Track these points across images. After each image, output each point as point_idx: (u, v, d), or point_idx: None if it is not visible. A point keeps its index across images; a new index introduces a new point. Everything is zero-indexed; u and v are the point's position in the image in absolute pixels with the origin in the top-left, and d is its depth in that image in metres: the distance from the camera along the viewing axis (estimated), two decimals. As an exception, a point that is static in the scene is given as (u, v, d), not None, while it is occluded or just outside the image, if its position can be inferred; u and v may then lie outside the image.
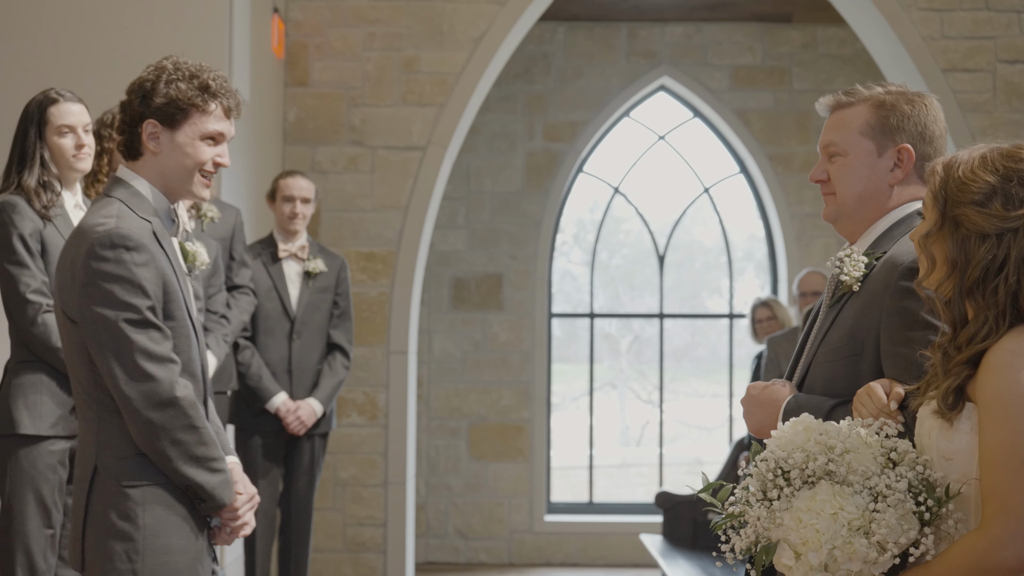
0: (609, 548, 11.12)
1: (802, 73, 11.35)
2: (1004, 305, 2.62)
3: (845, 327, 3.14)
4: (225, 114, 3.70)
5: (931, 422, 2.69)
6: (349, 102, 9.07)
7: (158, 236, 3.60)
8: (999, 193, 2.64)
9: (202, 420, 3.57)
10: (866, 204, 3.24)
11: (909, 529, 2.58)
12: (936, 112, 3.26)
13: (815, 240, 11.31)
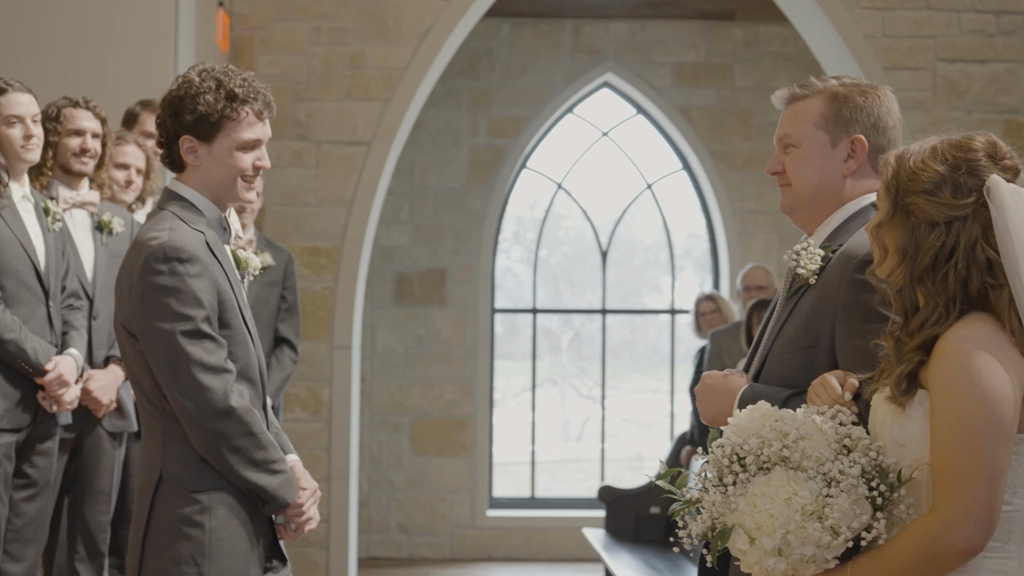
0: (551, 542, 11.15)
1: (745, 71, 11.44)
2: (954, 292, 2.66)
3: (801, 319, 3.17)
4: (257, 117, 3.71)
5: (884, 409, 2.73)
6: (294, 96, 9.04)
7: (211, 246, 3.65)
8: (948, 182, 2.68)
9: (259, 425, 3.62)
10: (821, 195, 3.27)
11: (862, 514, 2.61)
12: (890, 104, 3.29)
13: (756, 236, 11.40)
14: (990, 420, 2.55)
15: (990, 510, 2.54)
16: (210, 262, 3.62)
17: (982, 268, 2.66)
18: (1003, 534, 2.61)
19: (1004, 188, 2.66)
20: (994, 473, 2.54)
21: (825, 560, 2.65)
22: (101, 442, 5.53)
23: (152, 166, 6.14)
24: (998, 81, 8.99)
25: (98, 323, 5.48)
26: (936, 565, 2.57)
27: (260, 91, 3.71)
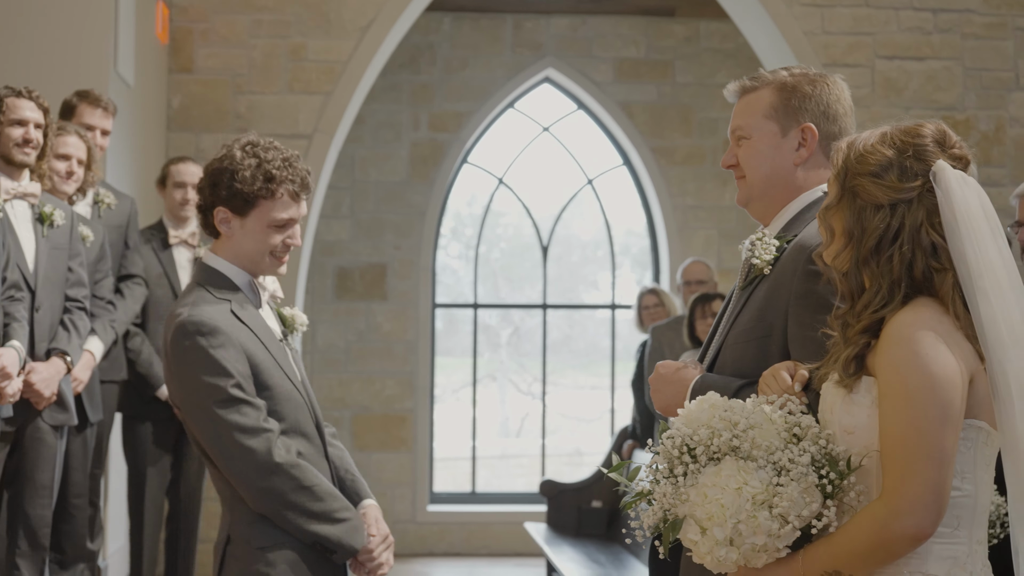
0: (492, 537, 11.15)
1: (685, 67, 11.48)
2: (899, 274, 2.67)
3: (755, 310, 3.17)
4: (292, 198, 3.76)
5: (833, 397, 2.73)
6: (234, 89, 8.99)
7: (236, 313, 3.72)
8: (895, 166, 2.69)
9: (311, 477, 3.67)
10: (774, 185, 3.28)
11: (811, 502, 2.61)
12: (840, 91, 3.30)
13: (697, 232, 11.45)
14: (937, 405, 2.55)
15: (939, 495, 2.54)
16: (236, 329, 3.69)
17: (927, 252, 2.66)
18: (952, 519, 2.62)
19: (950, 173, 2.67)
20: (942, 458, 2.55)
21: (777, 549, 2.64)
22: (43, 435, 5.47)
23: (93, 157, 6.08)
24: (935, 79, 9.10)
25: (40, 315, 5.42)
26: (886, 551, 2.58)
27: (299, 172, 3.77)
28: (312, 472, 3.69)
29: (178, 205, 7.22)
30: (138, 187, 8.10)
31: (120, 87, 7.72)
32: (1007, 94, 9.13)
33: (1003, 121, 9.11)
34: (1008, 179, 8.97)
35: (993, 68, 9.12)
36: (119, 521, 7.79)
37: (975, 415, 2.63)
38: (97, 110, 6.52)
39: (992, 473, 2.68)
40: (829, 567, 2.63)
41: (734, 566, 2.68)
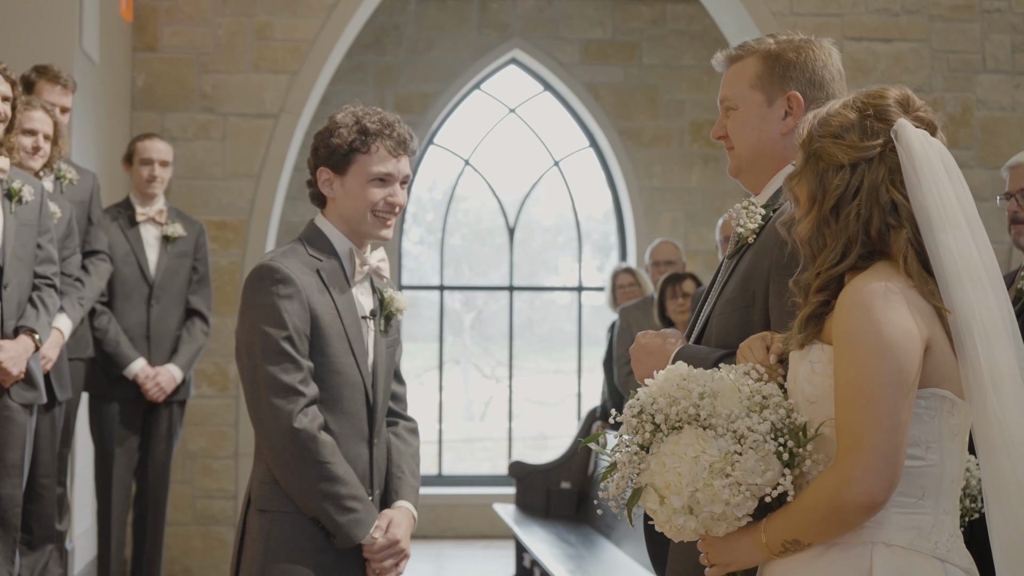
0: (459, 519, 11.12)
1: (651, 48, 11.46)
2: (854, 232, 2.64)
3: (739, 279, 3.15)
4: (390, 153, 3.76)
5: (797, 366, 2.72)
6: (200, 68, 8.90)
7: (323, 275, 3.72)
8: (856, 126, 2.67)
9: (328, 455, 3.64)
10: (762, 155, 3.26)
11: (767, 470, 2.59)
12: (826, 57, 3.26)
13: (663, 214, 11.44)
14: (889, 372, 2.52)
15: (891, 463, 2.52)
16: (313, 288, 3.68)
17: (885, 209, 2.64)
18: (917, 489, 2.60)
19: (911, 131, 2.65)
20: (894, 426, 2.52)
21: (736, 518, 2.62)
22: (12, 414, 5.38)
23: (60, 132, 6.00)
24: (903, 60, 9.10)
25: (8, 292, 5.34)
26: (839, 519, 2.56)
27: (397, 129, 3.80)
28: (331, 450, 3.65)
29: (145, 182, 7.14)
30: (103, 165, 8.01)
31: (85, 64, 7.63)
32: (974, 76, 9.15)
33: (970, 103, 9.13)
34: (975, 161, 9.00)
35: (960, 50, 9.14)
36: (86, 502, 7.72)
37: (938, 383, 2.61)
38: (56, 87, 6.43)
39: (961, 444, 2.66)
40: (788, 536, 2.62)
41: (693, 534, 2.67)
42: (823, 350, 2.66)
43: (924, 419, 2.60)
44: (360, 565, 3.76)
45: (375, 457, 3.80)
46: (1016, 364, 2.63)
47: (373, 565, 3.75)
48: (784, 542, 2.63)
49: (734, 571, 2.74)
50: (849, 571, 2.60)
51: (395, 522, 3.78)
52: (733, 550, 2.70)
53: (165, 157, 7.19)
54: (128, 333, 7.01)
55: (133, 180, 7.23)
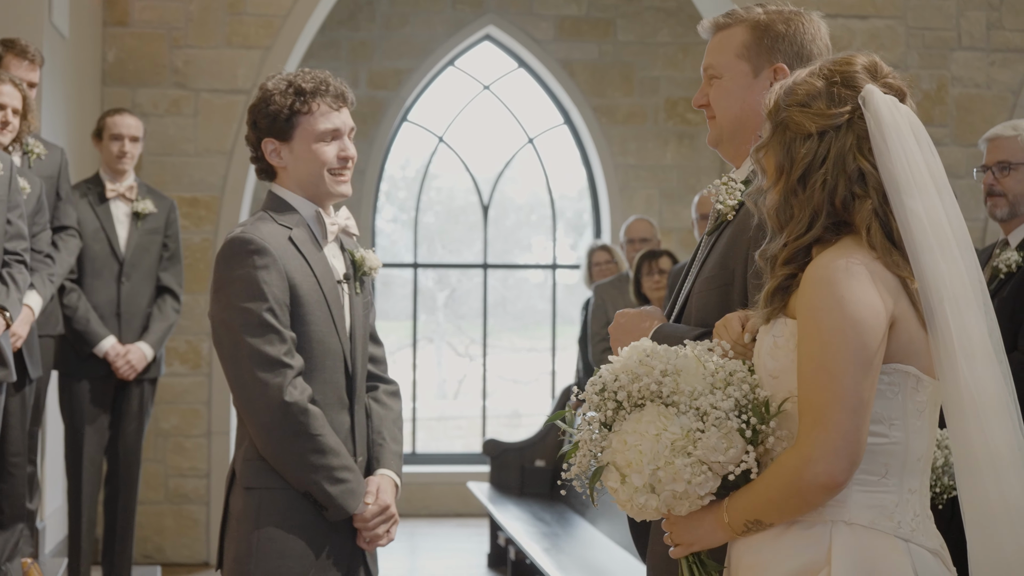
0: (433, 498, 11.10)
1: (626, 25, 11.42)
2: (819, 202, 2.61)
3: (718, 257, 3.12)
4: (331, 108, 3.69)
5: (762, 340, 2.69)
6: (171, 43, 8.82)
7: (296, 242, 3.64)
8: (823, 94, 2.63)
9: (319, 427, 3.57)
10: (744, 126, 3.21)
11: (730, 448, 2.55)
12: (815, 31, 3.21)
13: (638, 191, 11.42)
14: (851, 349, 2.49)
15: (852, 442, 2.48)
16: (288, 255, 3.60)
17: (852, 178, 2.60)
18: (879, 467, 2.56)
19: (879, 97, 2.61)
20: (857, 405, 2.49)
21: (698, 496, 2.60)
22: (-20, 392, 5.33)
23: (29, 106, 5.92)
24: (878, 37, 9.08)
25: (-23, 269, 5.28)
26: (799, 499, 2.53)
27: (331, 82, 3.71)
28: (321, 422, 3.59)
29: (115, 158, 7.07)
30: (73, 141, 7.93)
31: (55, 39, 7.54)
32: (949, 53, 9.14)
33: (945, 80, 9.12)
34: (950, 138, 8.99)
35: (935, 27, 9.12)
36: (57, 481, 7.65)
37: (902, 360, 2.58)
38: (24, 62, 6.34)
39: (929, 422, 2.63)
40: (750, 516, 2.59)
41: (655, 513, 2.64)
42: (786, 324, 2.62)
43: (887, 395, 2.57)
44: (350, 536, 3.70)
45: (356, 424, 3.73)
46: (986, 331, 2.59)
47: (365, 534, 3.69)
48: (746, 522, 2.60)
49: (698, 551, 2.72)
50: (808, 549, 2.57)
51: (382, 488, 3.72)
52: (696, 529, 2.67)
53: (135, 133, 7.12)
54: (98, 310, 6.94)
55: (103, 156, 7.16)
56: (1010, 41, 9.15)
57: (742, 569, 2.66)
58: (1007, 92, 9.13)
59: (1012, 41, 9.15)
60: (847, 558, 2.53)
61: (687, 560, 2.74)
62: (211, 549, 8.80)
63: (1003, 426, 2.58)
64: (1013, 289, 4.60)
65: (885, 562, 2.53)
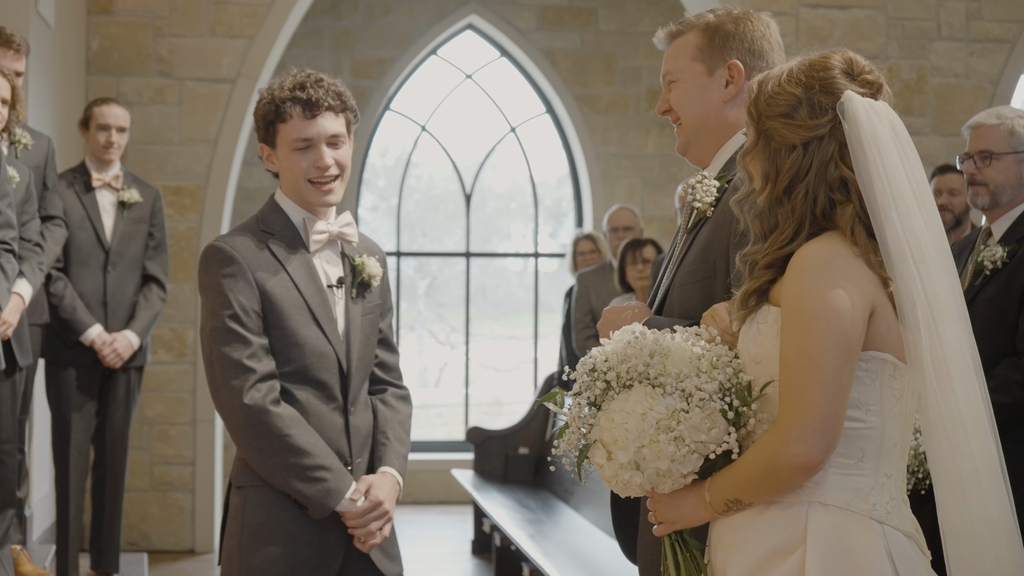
0: (416, 486, 11.14)
1: (608, 15, 11.47)
2: (803, 212, 2.67)
3: (698, 251, 3.20)
4: (303, 116, 3.67)
5: (745, 328, 2.75)
6: (155, 32, 8.83)
7: (272, 248, 3.67)
8: (804, 103, 2.68)
9: (286, 427, 3.60)
10: (707, 124, 3.31)
11: (712, 428, 2.63)
12: (765, 28, 3.31)
13: (620, 180, 11.47)
14: (832, 336, 2.56)
15: (829, 426, 2.55)
16: (262, 263, 3.64)
17: (833, 186, 2.66)
18: (856, 451, 2.63)
19: (857, 103, 2.66)
20: (835, 389, 2.55)
21: (681, 475, 2.66)
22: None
23: (18, 96, 5.93)
24: (859, 27, 9.15)
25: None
26: (777, 479, 2.60)
27: (308, 88, 3.67)
28: (289, 422, 3.60)
29: (101, 148, 7.09)
30: (58, 130, 7.94)
31: (40, 27, 7.55)
32: (929, 43, 9.21)
33: (924, 70, 9.19)
34: (929, 128, 9.07)
35: (915, 17, 9.19)
36: (44, 469, 7.68)
37: (880, 347, 2.64)
38: (9, 51, 6.34)
39: (905, 408, 2.69)
40: (730, 495, 2.66)
41: (639, 489, 2.71)
42: (770, 311, 2.69)
43: (865, 381, 2.63)
44: (344, 534, 3.71)
45: (351, 425, 3.75)
46: (966, 343, 2.65)
47: (356, 532, 3.70)
48: (727, 501, 2.67)
49: (680, 529, 2.79)
50: (785, 529, 2.63)
51: (376, 485, 3.73)
52: (678, 508, 2.74)
53: (122, 123, 7.14)
54: (84, 299, 6.97)
55: (89, 145, 7.18)
56: (989, 31, 9.23)
57: (722, 547, 2.73)
58: (986, 82, 9.21)
59: (991, 31, 9.23)
60: (822, 537, 2.60)
61: (670, 538, 2.82)
62: (196, 536, 8.84)
63: (969, 386, 2.65)
64: (1001, 288, 4.56)
65: (859, 542, 2.60)
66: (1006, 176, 4.68)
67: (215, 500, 8.91)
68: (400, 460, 3.86)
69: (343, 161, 3.73)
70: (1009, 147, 4.68)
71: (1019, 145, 4.68)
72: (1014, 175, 4.68)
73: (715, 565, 2.75)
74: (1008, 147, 4.68)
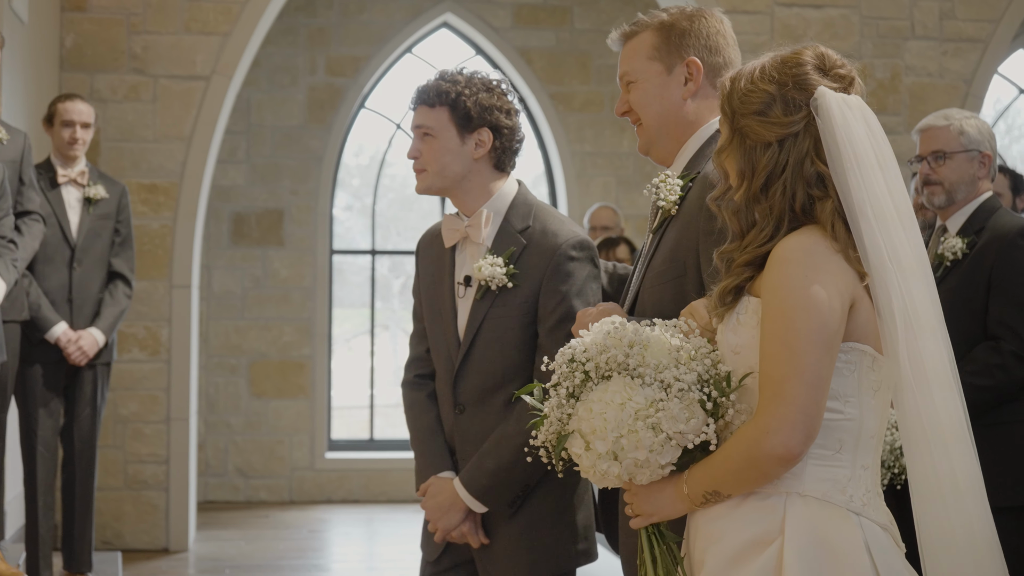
0: (390, 484, 11.14)
1: (583, 13, 11.47)
2: (781, 209, 2.69)
3: (667, 251, 3.21)
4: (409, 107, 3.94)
5: (727, 318, 2.77)
6: (129, 28, 8.79)
7: (433, 242, 3.98)
8: (778, 100, 2.70)
9: (412, 412, 3.94)
10: (667, 123, 3.33)
11: (691, 418, 2.64)
12: (719, 25, 3.34)
13: (595, 179, 11.47)
14: (812, 327, 2.57)
15: (809, 416, 2.56)
16: (425, 256, 3.93)
17: (810, 182, 2.68)
18: (834, 442, 2.64)
19: (831, 98, 2.68)
20: (815, 381, 2.56)
21: (659, 466, 2.67)
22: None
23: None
24: (833, 26, 9.18)
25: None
26: (757, 470, 2.60)
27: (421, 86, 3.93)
28: (419, 411, 3.95)
29: (66, 144, 7.06)
30: (31, 127, 7.90)
31: (13, 23, 7.51)
32: (903, 42, 9.25)
33: (899, 69, 9.23)
34: (903, 127, 9.10)
35: (889, 16, 9.23)
36: (15, 468, 7.64)
37: (859, 339, 2.66)
38: None
39: (882, 401, 2.71)
40: (709, 487, 2.67)
41: (617, 480, 2.71)
42: (750, 302, 2.70)
43: (844, 373, 2.65)
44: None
45: (458, 425, 3.90)
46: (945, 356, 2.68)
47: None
48: (705, 493, 2.68)
49: (658, 522, 2.79)
50: (763, 520, 2.65)
51: (442, 491, 3.81)
52: (656, 500, 2.75)
53: (87, 119, 7.10)
54: (50, 296, 6.93)
55: (54, 142, 7.14)
56: (962, 31, 9.27)
57: (700, 539, 2.73)
58: (959, 81, 9.25)
59: (964, 31, 9.27)
60: (800, 528, 2.61)
61: (647, 531, 2.82)
62: (170, 535, 8.80)
63: (946, 387, 2.67)
64: (964, 278, 4.72)
65: (837, 533, 2.61)
66: (959, 174, 4.85)
67: (189, 499, 8.88)
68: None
69: (410, 154, 3.89)
70: (960, 146, 4.85)
71: (969, 144, 4.85)
72: (966, 173, 4.85)
73: (692, 557, 2.76)
74: (959, 146, 4.85)
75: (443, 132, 3.76)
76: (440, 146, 3.76)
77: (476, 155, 3.76)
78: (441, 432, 3.82)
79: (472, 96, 3.77)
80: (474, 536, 3.75)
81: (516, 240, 3.75)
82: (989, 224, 4.77)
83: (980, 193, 4.87)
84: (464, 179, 3.78)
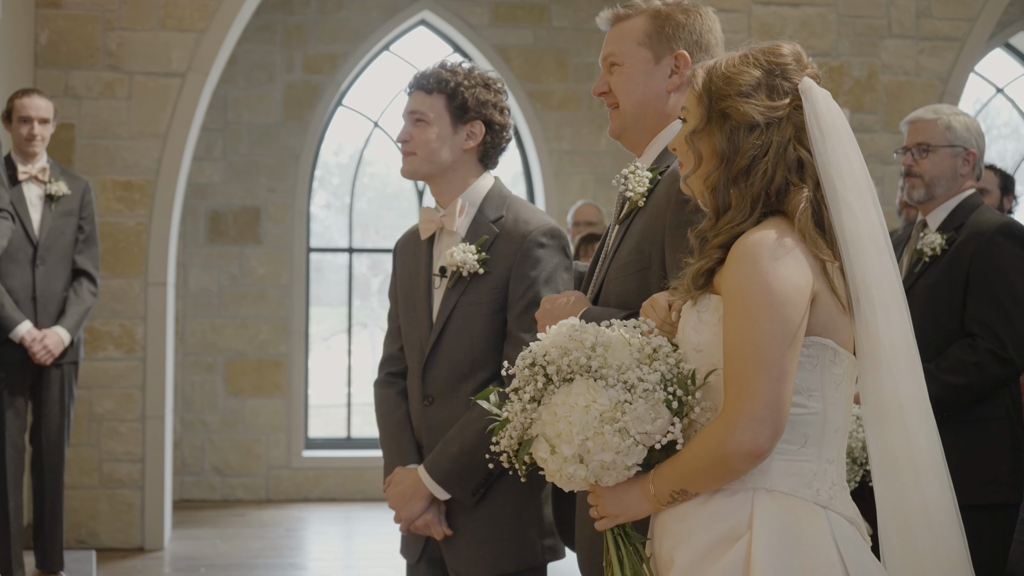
0: (367, 482, 11.11)
1: (561, 11, 11.46)
2: (759, 190, 2.69)
3: (633, 243, 3.20)
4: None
5: (687, 316, 2.76)
6: (104, 25, 8.75)
7: (410, 240, 4.05)
8: (764, 85, 2.72)
9: (382, 409, 4.01)
10: (646, 112, 3.32)
11: (657, 418, 2.63)
12: (711, 23, 3.35)
13: (573, 176, 11.47)
14: (775, 322, 2.57)
15: (775, 411, 2.56)
16: (401, 255, 4.01)
17: (790, 167, 2.69)
18: (799, 437, 2.65)
19: (817, 91, 2.72)
20: (780, 375, 2.57)
21: (626, 467, 2.66)
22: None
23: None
24: (810, 24, 9.19)
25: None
26: (725, 467, 2.60)
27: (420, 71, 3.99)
28: (389, 407, 3.98)
29: (24, 140, 7.00)
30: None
31: (-13, 20, 7.47)
32: (879, 41, 9.26)
33: (875, 68, 9.24)
34: (879, 125, 9.11)
35: (866, 15, 9.24)
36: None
37: (820, 333, 2.66)
38: None
39: (846, 395, 2.72)
40: (676, 486, 2.67)
41: (583, 483, 2.70)
42: (710, 300, 2.70)
43: (807, 367, 2.65)
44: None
45: (426, 416, 3.92)
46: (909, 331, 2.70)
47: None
48: (672, 492, 2.68)
49: (623, 523, 2.78)
50: (731, 516, 2.65)
51: (413, 485, 3.82)
52: (622, 501, 2.74)
53: (44, 115, 7.03)
54: (13, 295, 6.86)
55: (13, 138, 7.07)
56: (939, 29, 9.29)
57: (666, 538, 2.73)
58: (936, 80, 9.27)
59: (941, 29, 9.29)
60: (768, 523, 2.61)
61: (612, 532, 2.80)
62: (146, 534, 8.77)
63: (912, 373, 2.71)
64: (943, 273, 4.70)
65: (805, 527, 2.61)
66: (940, 169, 4.86)
67: (165, 497, 8.85)
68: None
69: (401, 136, 3.98)
70: (945, 141, 4.86)
71: (955, 139, 4.87)
72: (948, 168, 4.86)
73: (659, 556, 2.75)
74: (944, 140, 4.86)
75: (437, 119, 3.84)
76: (432, 132, 3.84)
77: (466, 146, 3.84)
78: (409, 428, 3.83)
79: (470, 88, 3.84)
80: (437, 527, 3.76)
81: (489, 229, 3.80)
82: (969, 221, 4.77)
83: (962, 190, 4.87)
84: (449, 168, 3.85)
